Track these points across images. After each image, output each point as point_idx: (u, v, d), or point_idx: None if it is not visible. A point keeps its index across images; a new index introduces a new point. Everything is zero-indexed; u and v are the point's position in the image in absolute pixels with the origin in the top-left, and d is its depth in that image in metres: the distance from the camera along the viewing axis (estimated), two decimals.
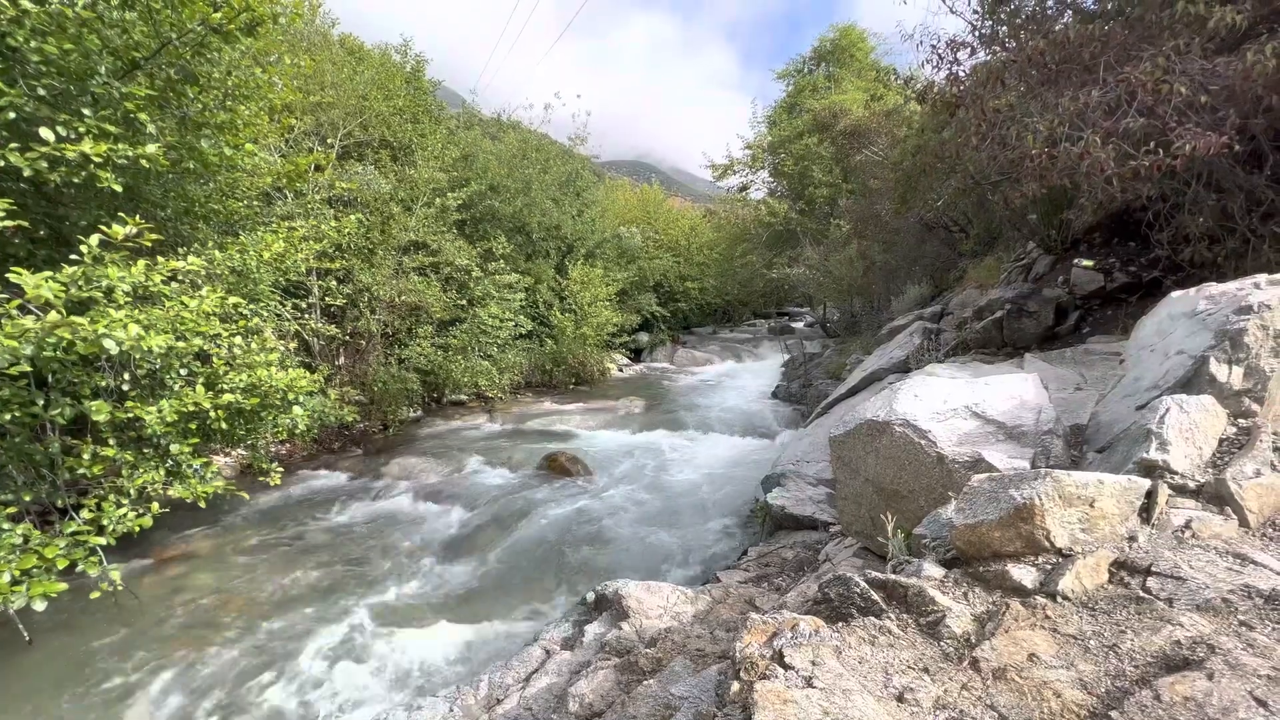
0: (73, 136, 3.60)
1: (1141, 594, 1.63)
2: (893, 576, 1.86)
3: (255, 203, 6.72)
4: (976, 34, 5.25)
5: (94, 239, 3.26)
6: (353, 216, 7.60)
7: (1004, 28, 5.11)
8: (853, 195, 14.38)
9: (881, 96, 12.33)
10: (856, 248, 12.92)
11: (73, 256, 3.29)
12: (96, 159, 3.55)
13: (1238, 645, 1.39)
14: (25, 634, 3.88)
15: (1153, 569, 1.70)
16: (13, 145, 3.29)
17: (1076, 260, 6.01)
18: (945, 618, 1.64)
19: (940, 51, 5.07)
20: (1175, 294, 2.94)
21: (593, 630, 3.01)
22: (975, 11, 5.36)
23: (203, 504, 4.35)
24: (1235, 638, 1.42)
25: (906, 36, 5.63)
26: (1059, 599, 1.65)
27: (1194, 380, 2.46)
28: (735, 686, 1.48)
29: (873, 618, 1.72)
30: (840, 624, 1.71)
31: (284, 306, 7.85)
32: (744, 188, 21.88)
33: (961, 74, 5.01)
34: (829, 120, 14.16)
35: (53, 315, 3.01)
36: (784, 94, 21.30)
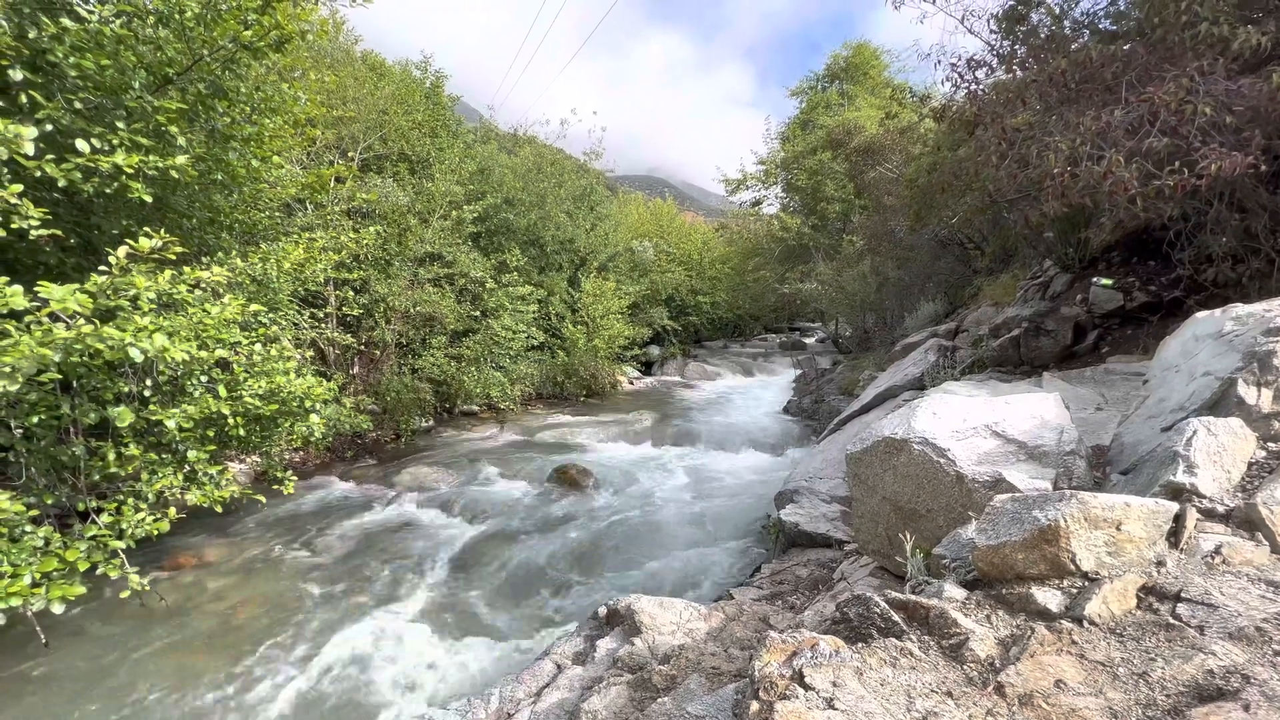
0: (106, 149, 3.70)
1: (1171, 621, 1.59)
2: (913, 597, 1.84)
3: (277, 213, 6.85)
4: (994, 53, 5.27)
5: (121, 251, 3.33)
6: (371, 228, 7.72)
7: (1022, 47, 5.12)
8: (866, 211, 14.39)
9: (896, 114, 12.36)
10: (870, 263, 12.90)
11: (101, 267, 3.37)
12: (128, 170, 3.64)
13: (1274, 676, 1.35)
14: (42, 637, 3.91)
15: (1182, 595, 1.66)
16: (49, 156, 3.39)
17: (1095, 278, 5.95)
18: (968, 640, 1.61)
19: (960, 70, 5.09)
20: (1201, 314, 2.90)
21: (605, 645, 2.98)
22: (993, 32, 5.38)
23: (218, 509, 4.39)
24: (1271, 668, 1.38)
25: (924, 56, 5.67)
26: (1085, 624, 1.62)
27: (1221, 402, 2.42)
28: (754, 706, 1.46)
29: (894, 639, 1.69)
30: (860, 644, 1.68)
31: (301, 315, 7.96)
32: (757, 203, 21.99)
33: (980, 92, 5.02)
34: (843, 137, 14.21)
35: (85, 326, 3.08)
36: (797, 110, 21.45)
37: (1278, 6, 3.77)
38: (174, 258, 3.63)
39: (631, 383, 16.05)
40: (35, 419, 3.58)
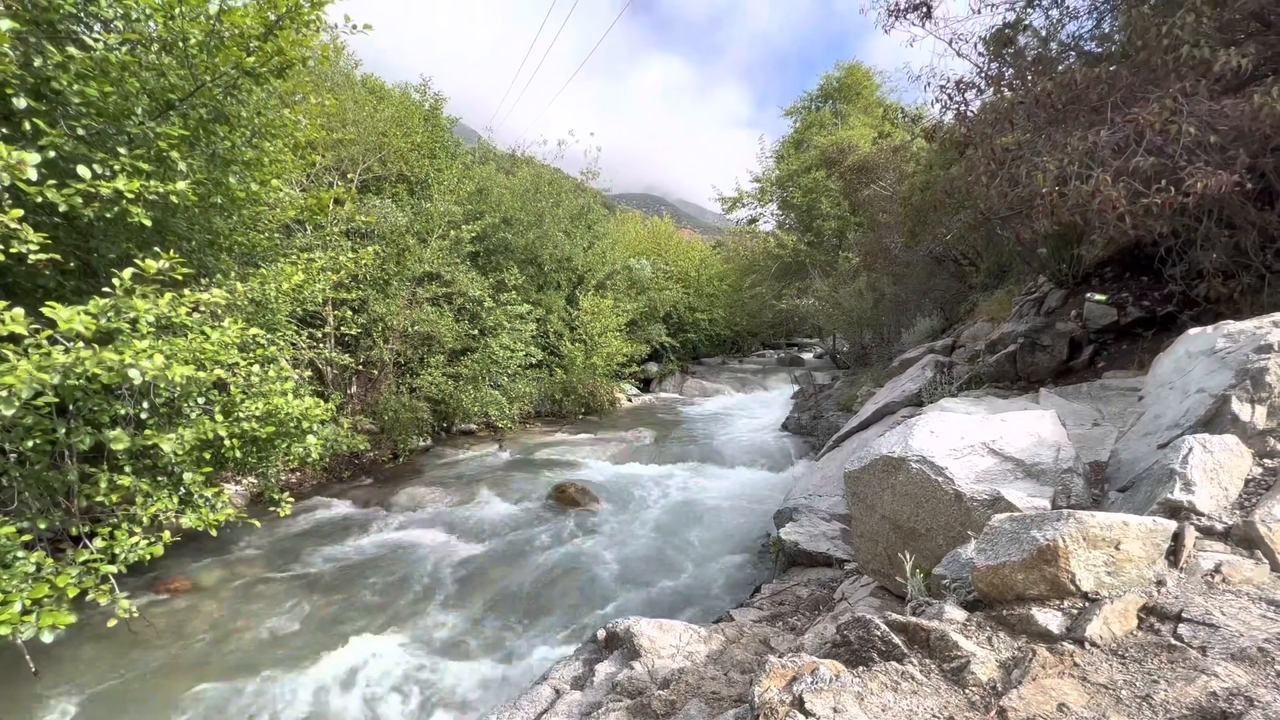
0: (107, 174, 3.73)
1: (1173, 641, 1.58)
2: (914, 619, 1.82)
3: (276, 235, 6.89)
4: (983, 75, 5.37)
5: (126, 273, 3.35)
6: (370, 248, 7.77)
7: (1009, 69, 5.22)
8: (861, 228, 14.52)
9: (889, 134, 12.54)
10: (866, 280, 12.98)
11: (105, 290, 3.38)
12: (129, 195, 3.67)
13: (1277, 698, 1.34)
14: (31, 665, 3.85)
15: (1183, 615, 1.65)
16: (50, 182, 3.41)
17: (1089, 294, 6.00)
18: (970, 663, 1.60)
19: (949, 91, 5.18)
20: (1193, 331, 2.92)
21: (603, 669, 2.95)
22: (981, 54, 5.49)
23: (213, 532, 4.35)
24: (1274, 689, 1.37)
25: (914, 78, 5.78)
26: (1087, 645, 1.61)
27: (1216, 419, 2.43)
28: None
29: (894, 662, 1.68)
30: (861, 668, 1.67)
31: (299, 336, 7.97)
32: (753, 220, 22.17)
33: (969, 113, 5.11)
34: (836, 156, 14.40)
35: (82, 348, 3.08)
36: (791, 130, 21.73)
37: (1258, 29, 3.87)
38: (180, 279, 3.65)
39: (630, 400, 16.02)
40: (30, 443, 3.56)
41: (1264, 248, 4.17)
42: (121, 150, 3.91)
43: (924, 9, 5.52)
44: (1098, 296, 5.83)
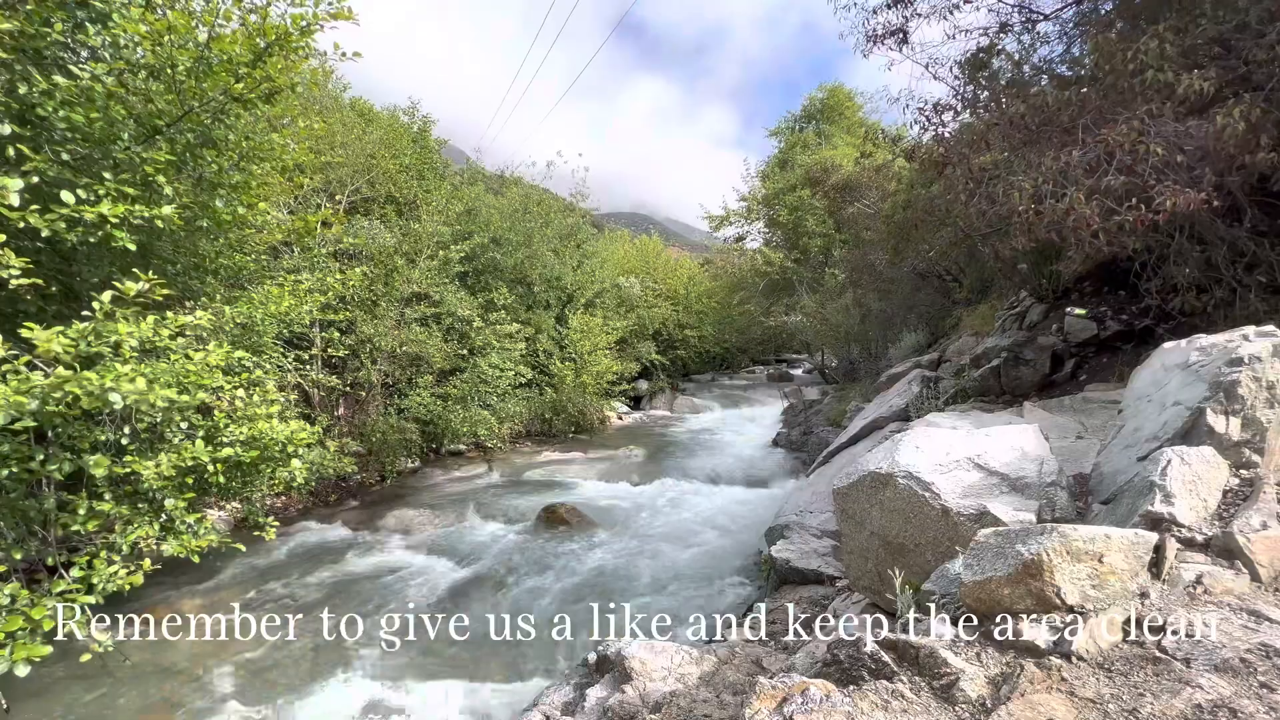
0: (92, 199, 3.71)
1: (1158, 654, 1.60)
2: (903, 636, 1.83)
3: (263, 257, 6.86)
4: (959, 98, 5.53)
5: (106, 295, 3.31)
6: (357, 269, 7.75)
7: (984, 92, 5.38)
8: (846, 245, 14.73)
9: (871, 153, 12.80)
10: (852, 296, 13.13)
11: (85, 313, 3.34)
12: (114, 220, 3.65)
13: (1260, 709, 1.36)
14: (3, 702, 3.72)
15: (1167, 627, 1.67)
16: (34, 207, 3.39)
17: (1069, 309, 6.12)
18: (959, 680, 1.60)
19: (927, 114, 5.33)
20: (1167, 345, 2.99)
21: (595, 694, 2.91)
22: (956, 77, 5.66)
23: (195, 559, 4.25)
24: (1257, 700, 1.39)
25: (893, 100, 5.94)
26: (1074, 659, 1.62)
27: (1193, 431, 2.48)
28: None
29: (884, 681, 1.67)
30: (851, 687, 1.67)
31: (286, 358, 7.89)
32: (740, 238, 22.43)
33: (947, 134, 5.25)
34: (821, 175, 14.65)
35: (61, 371, 3.03)
36: (776, 150, 22.12)
37: (1219, 54, 4.02)
38: (160, 299, 3.61)
39: (620, 418, 15.97)
40: (6, 471, 3.48)
41: (1234, 262, 4.30)
42: (107, 175, 3.89)
43: (901, 35, 5.69)
44: (1077, 311, 5.95)
